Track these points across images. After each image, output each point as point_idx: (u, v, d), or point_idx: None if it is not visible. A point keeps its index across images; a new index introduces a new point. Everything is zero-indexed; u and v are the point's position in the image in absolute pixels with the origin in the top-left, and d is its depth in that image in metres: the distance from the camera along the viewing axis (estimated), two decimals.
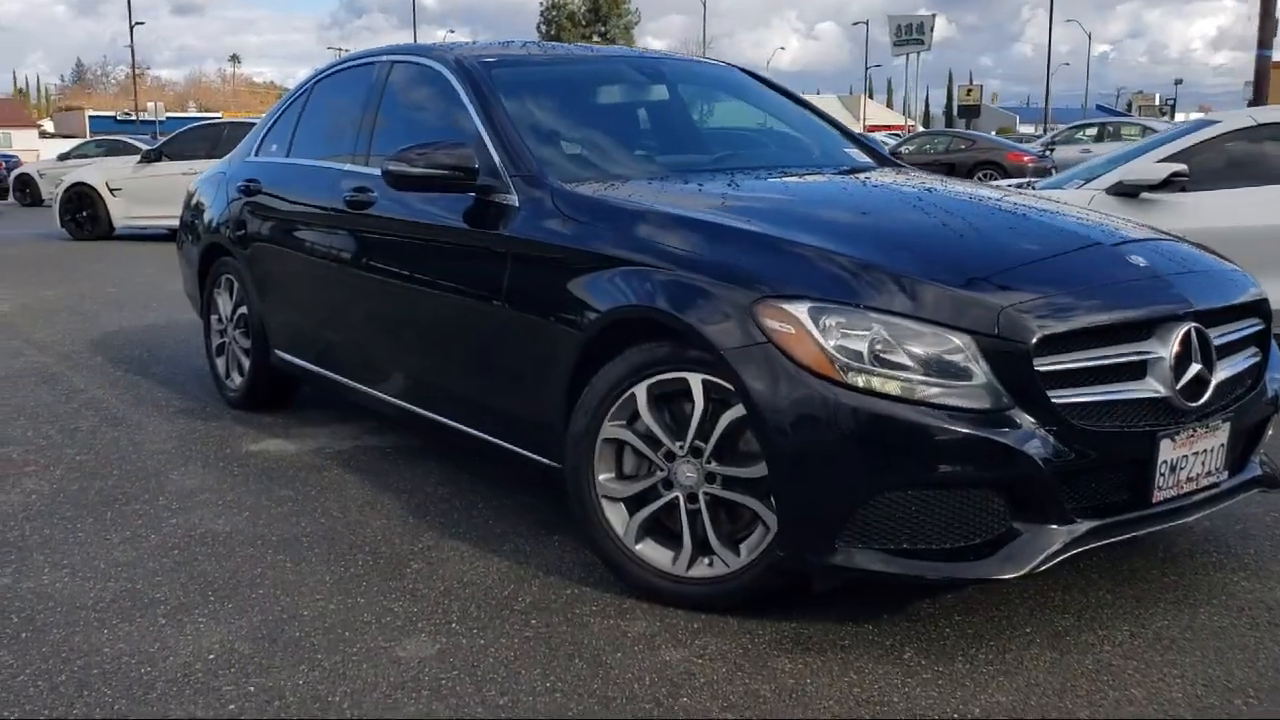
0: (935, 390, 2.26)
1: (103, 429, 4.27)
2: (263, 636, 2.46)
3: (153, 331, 6.51)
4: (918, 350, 2.27)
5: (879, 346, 2.27)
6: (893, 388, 2.26)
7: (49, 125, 72.08)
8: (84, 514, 3.28)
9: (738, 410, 2.43)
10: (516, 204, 3.02)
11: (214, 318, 4.73)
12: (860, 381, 2.26)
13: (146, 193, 12.69)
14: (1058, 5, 46.04)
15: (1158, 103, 78.49)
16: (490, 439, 3.17)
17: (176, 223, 12.58)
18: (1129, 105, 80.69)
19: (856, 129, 3.81)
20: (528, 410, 2.97)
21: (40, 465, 3.78)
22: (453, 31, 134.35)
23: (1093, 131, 21.71)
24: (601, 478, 2.65)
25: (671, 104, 3.79)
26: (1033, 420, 2.28)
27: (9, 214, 19.03)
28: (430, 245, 3.34)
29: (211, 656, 2.37)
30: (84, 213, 13.01)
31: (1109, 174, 5.31)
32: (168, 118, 57.19)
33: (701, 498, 2.52)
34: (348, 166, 3.81)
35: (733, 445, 2.48)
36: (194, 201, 4.97)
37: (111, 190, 12.87)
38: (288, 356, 4.24)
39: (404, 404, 3.58)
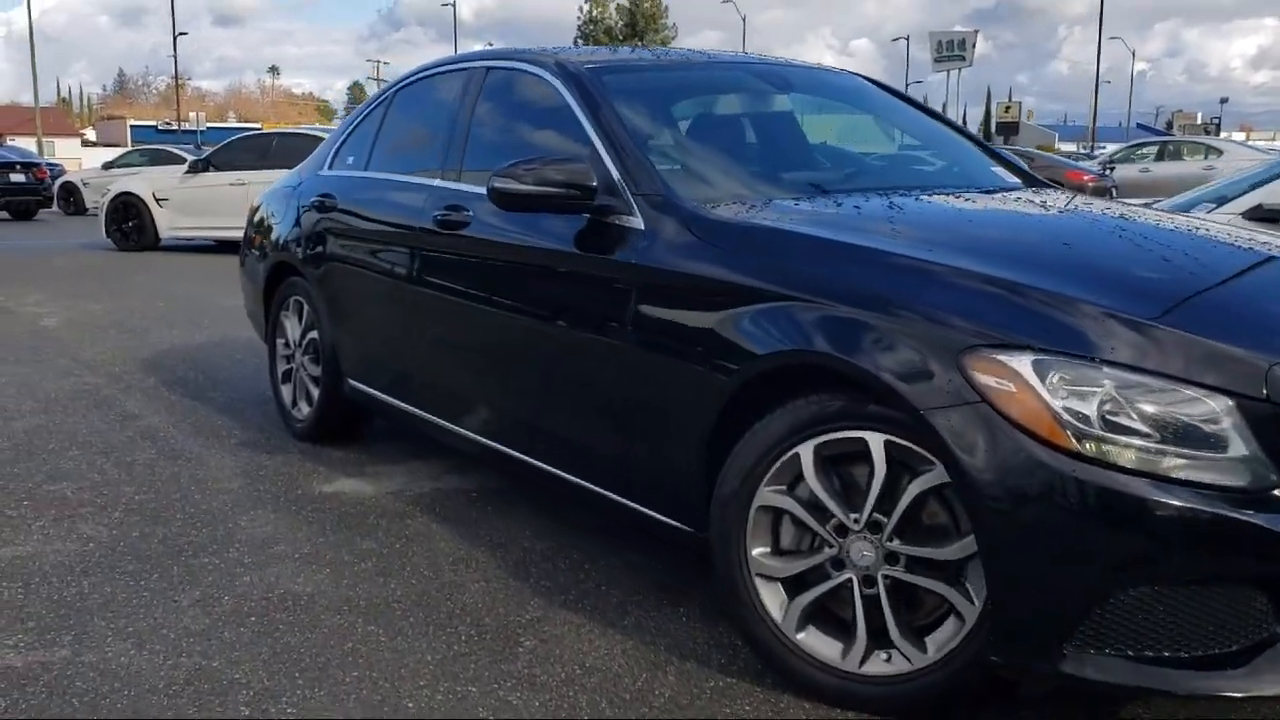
0: (1184, 463, 1.86)
1: (161, 463, 3.93)
2: None
3: (206, 351, 6.21)
4: (1163, 414, 1.87)
5: (1111, 408, 1.88)
6: (1131, 459, 1.86)
7: (91, 134, 72.85)
8: (148, 568, 2.93)
9: (929, 478, 2.04)
10: (641, 227, 2.65)
11: (280, 342, 4.40)
12: (1093, 450, 1.87)
13: (193, 203, 12.49)
14: (1092, 22, 45.39)
15: (1200, 121, 77.23)
16: (599, 490, 2.80)
17: (223, 234, 12.62)
18: (1169, 124, 79.35)
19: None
20: (651, 463, 2.60)
21: (97, 506, 3.45)
22: (490, 44, 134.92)
23: (1153, 150, 21.08)
24: (755, 552, 2.27)
25: (798, 115, 3.41)
26: None
27: (54, 223, 18.99)
28: (536, 271, 2.98)
29: None
30: (130, 223, 12.82)
31: (1243, 197, 4.87)
32: (208, 128, 57.59)
33: (880, 581, 2.13)
34: (437, 182, 3.46)
35: (918, 519, 2.10)
36: (259, 216, 4.64)
37: (158, 200, 12.68)
38: (362, 386, 3.89)
39: (494, 444, 3.22)
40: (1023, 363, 1.92)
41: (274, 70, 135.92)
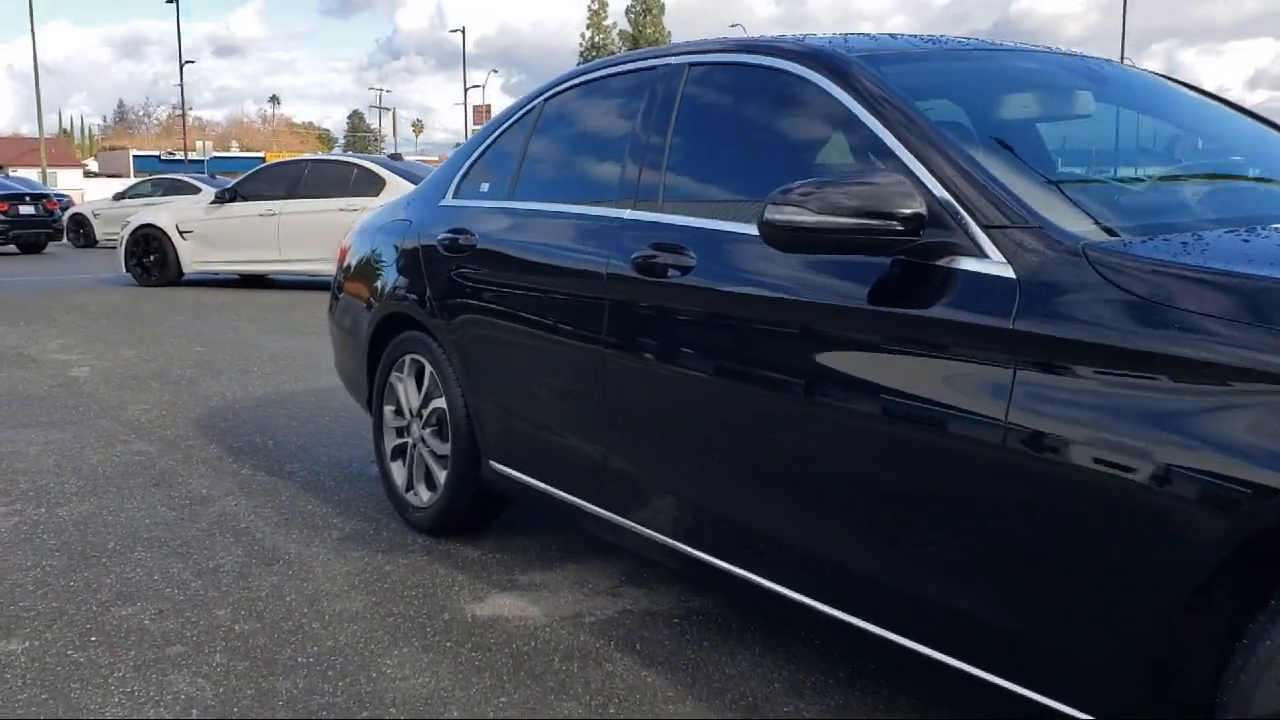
0: None
1: (254, 570, 3.10)
2: None
3: (267, 408, 5.38)
4: None
5: None
6: None
7: (93, 164, 72.27)
8: None
9: None
10: (1008, 274, 1.83)
11: (389, 409, 3.57)
12: None
13: (219, 236, 11.71)
14: (1088, 45, 44.97)
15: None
16: (920, 649, 1.97)
17: (252, 269, 11.83)
18: None
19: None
20: (1047, 632, 1.76)
21: (189, 643, 2.61)
22: (495, 71, 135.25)
23: None
24: None
25: (1123, 120, 2.60)
26: None
27: (65, 256, 18.21)
28: (816, 335, 2.14)
29: None
30: (151, 256, 12.02)
31: None
32: (213, 157, 57.25)
33: None
34: (628, 214, 2.66)
35: None
36: (355, 260, 3.83)
37: (182, 233, 11.88)
38: (509, 471, 3.07)
39: (717, 561, 2.40)
40: None
41: (274, 100, 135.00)
